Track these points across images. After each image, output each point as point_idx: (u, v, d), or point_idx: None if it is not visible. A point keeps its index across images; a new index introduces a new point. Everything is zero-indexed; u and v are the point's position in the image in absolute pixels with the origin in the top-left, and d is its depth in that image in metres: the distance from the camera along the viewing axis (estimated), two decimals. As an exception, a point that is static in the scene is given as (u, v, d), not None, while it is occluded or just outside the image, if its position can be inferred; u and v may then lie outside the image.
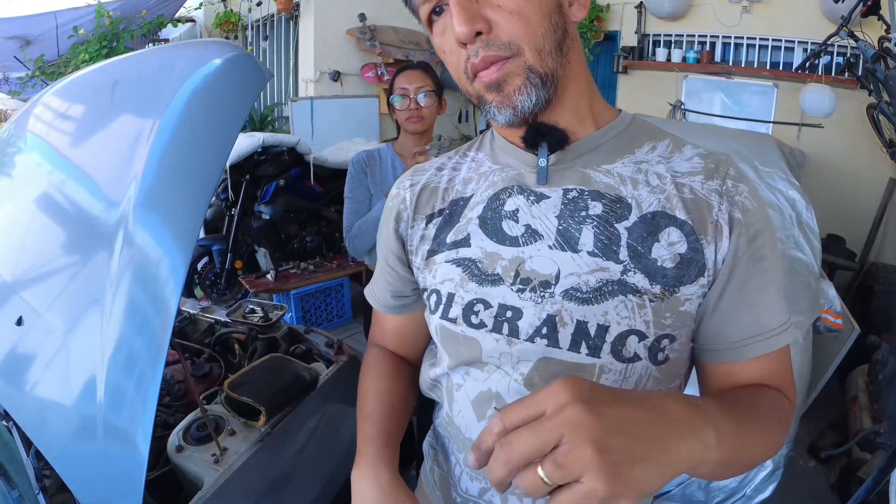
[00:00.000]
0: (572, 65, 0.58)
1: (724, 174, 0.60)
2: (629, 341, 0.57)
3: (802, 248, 2.59)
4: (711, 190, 0.59)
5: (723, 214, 0.58)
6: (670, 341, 0.58)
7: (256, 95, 0.99)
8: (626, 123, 0.64)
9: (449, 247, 0.65)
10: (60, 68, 4.22)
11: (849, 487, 2.05)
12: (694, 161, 0.61)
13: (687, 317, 0.58)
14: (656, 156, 0.62)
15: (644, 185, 0.60)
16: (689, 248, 0.57)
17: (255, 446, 1.21)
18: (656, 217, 0.58)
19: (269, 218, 3.55)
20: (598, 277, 0.57)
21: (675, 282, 0.57)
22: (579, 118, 0.62)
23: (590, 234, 0.58)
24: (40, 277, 1.06)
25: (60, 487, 1.06)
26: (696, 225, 0.58)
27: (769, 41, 3.98)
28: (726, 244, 0.57)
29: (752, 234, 0.58)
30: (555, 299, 0.58)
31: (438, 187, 0.70)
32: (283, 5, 4.54)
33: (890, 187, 3.62)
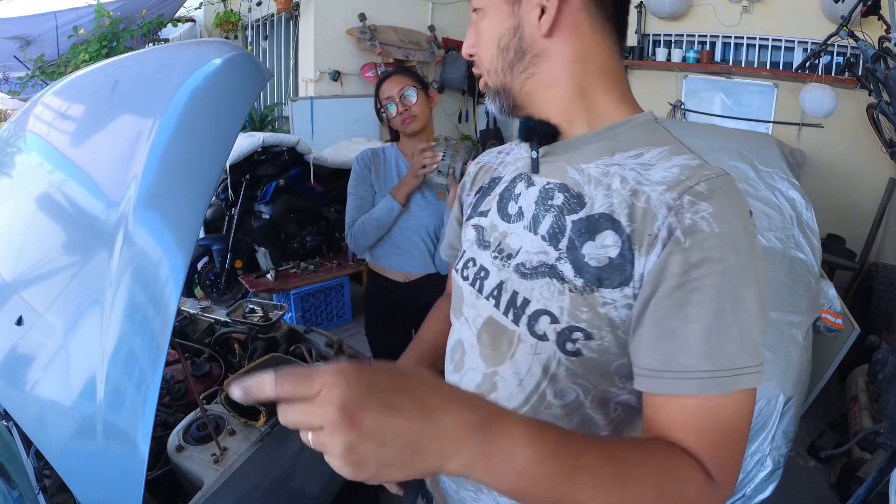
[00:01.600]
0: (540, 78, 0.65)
1: (688, 188, 0.55)
2: (542, 319, 0.62)
3: (802, 248, 2.59)
4: (663, 202, 0.56)
5: (663, 229, 0.54)
6: (585, 337, 0.59)
7: (256, 95, 0.99)
8: (629, 127, 0.65)
9: (478, 214, 0.78)
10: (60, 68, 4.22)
11: (849, 487, 2.05)
12: (672, 171, 0.58)
13: (608, 321, 0.57)
14: (635, 162, 0.61)
15: (604, 187, 0.61)
16: (619, 255, 0.57)
17: (255, 446, 1.21)
18: (601, 218, 0.60)
19: (269, 218, 3.55)
20: (539, 258, 0.64)
21: (596, 281, 0.58)
22: (568, 118, 0.66)
23: (549, 221, 0.65)
24: (40, 277, 1.06)
25: (60, 487, 1.06)
26: (634, 234, 0.56)
27: (769, 41, 3.98)
28: (654, 259, 0.54)
29: (696, 259, 0.52)
30: (509, 269, 0.68)
31: (491, 167, 0.83)
32: (283, 5, 4.54)
33: (890, 187, 3.62)
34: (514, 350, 0.65)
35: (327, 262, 3.60)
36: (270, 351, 1.61)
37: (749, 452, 1.86)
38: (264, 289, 3.19)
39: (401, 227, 1.75)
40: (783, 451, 1.85)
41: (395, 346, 1.97)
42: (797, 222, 2.68)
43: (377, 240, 1.76)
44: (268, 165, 3.51)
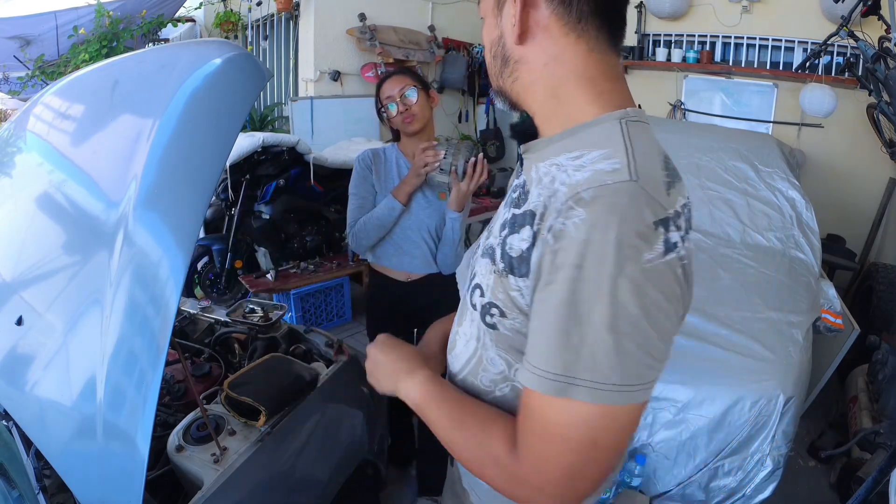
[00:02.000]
0: (521, 83, 0.70)
1: (575, 192, 0.56)
2: (476, 292, 0.73)
3: (802, 248, 2.60)
4: (559, 202, 0.58)
5: (546, 229, 0.58)
6: (499, 314, 0.67)
7: (256, 95, 0.99)
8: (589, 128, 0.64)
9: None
10: (60, 68, 4.21)
11: (849, 487, 2.05)
12: (586, 174, 0.59)
13: (516, 303, 0.64)
14: (573, 163, 0.61)
15: (544, 186, 0.64)
16: (527, 249, 0.62)
17: (255, 446, 1.21)
18: (527, 215, 0.64)
19: (269, 217, 3.55)
20: (490, 243, 0.73)
21: (510, 268, 0.65)
22: (545, 119, 0.70)
23: (508, 213, 0.71)
24: (40, 277, 1.06)
25: (60, 487, 1.06)
26: (538, 231, 0.61)
27: (769, 41, 3.99)
28: (536, 254, 0.59)
29: (558, 261, 0.55)
30: (477, 253, 0.79)
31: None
32: (283, 5, 4.54)
33: (890, 187, 3.63)
34: (465, 315, 0.79)
35: (327, 262, 3.60)
36: (270, 351, 1.61)
37: (749, 452, 1.86)
38: (264, 289, 3.19)
39: (402, 226, 1.75)
40: (783, 451, 1.85)
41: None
42: (797, 222, 2.68)
43: (379, 239, 1.76)
44: (268, 165, 3.51)
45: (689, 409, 1.88)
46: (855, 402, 2.43)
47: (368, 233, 1.73)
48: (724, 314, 2.12)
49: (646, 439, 1.94)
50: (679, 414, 1.89)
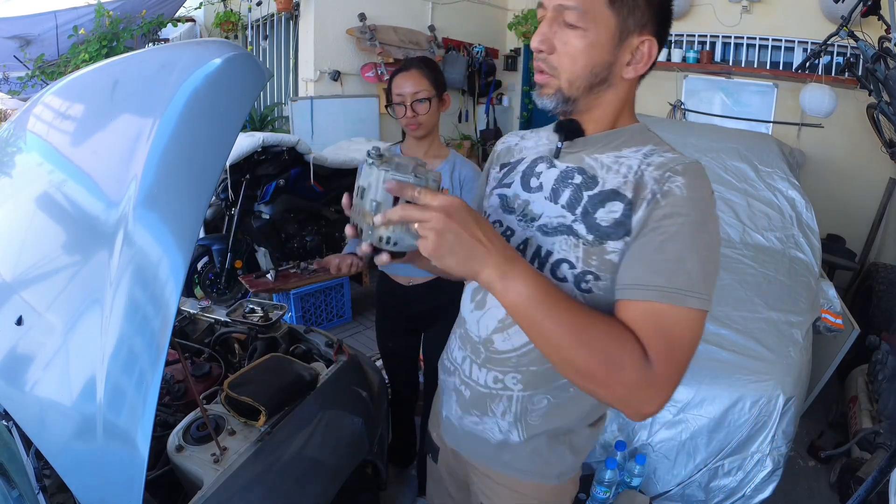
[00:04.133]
0: (601, 99, 0.83)
1: (670, 168, 0.77)
2: (562, 266, 0.81)
3: (802, 248, 2.60)
4: (653, 177, 0.77)
5: (648, 194, 0.76)
6: (594, 278, 0.79)
7: (256, 95, 0.99)
8: (629, 132, 0.86)
9: (501, 186, 0.96)
10: (60, 68, 4.21)
11: (849, 487, 2.05)
12: (660, 157, 0.80)
13: (611, 266, 0.77)
14: (637, 154, 0.82)
15: (615, 172, 0.82)
16: (623, 215, 0.77)
17: (255, 446, 1.21)
18: (610, 193, 0.80)
19: (269, 217, 3.55)
20: (558, 221, 0.84)
21: (606, 236, 0.78)
22: (594, 122, 0.86)
23: (567, 194, 0.85)
24: (40, 277, 1.06)
25: (60, 487, 1.06)
26: (633, 200, 0.77)
27: (769, 41, 3.99)
28: (640, 214, 0.75)
29: (668, 212, 0.73)
30: (532, 229, 0.87)
31: (513, 149, 1.01)
32: (283, 5, 4.54)
33: (890, 187, 3.63)
34: None
35: (327, 262, 3.59)
36: (270, 351, 1.61)
37: (749, 452, 1.86)
38: (264, 289, 3.18)
39: None
40: (783, 451, 1.85)
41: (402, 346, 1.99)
42: (797, 222, 2.68)
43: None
44: (268, 165, 3.51)
45: (689, 408, 1.87)
46: (855, 402, 2.43)
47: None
48: (724, 314, 2.12)
49: (646, 439, 1.94)
50: (679, 414, 1.89)
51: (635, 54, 0.79)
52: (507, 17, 5.84)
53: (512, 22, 5.65)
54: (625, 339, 0.69)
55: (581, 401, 0.90)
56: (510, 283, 0.68)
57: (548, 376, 0.88)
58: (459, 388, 0.97)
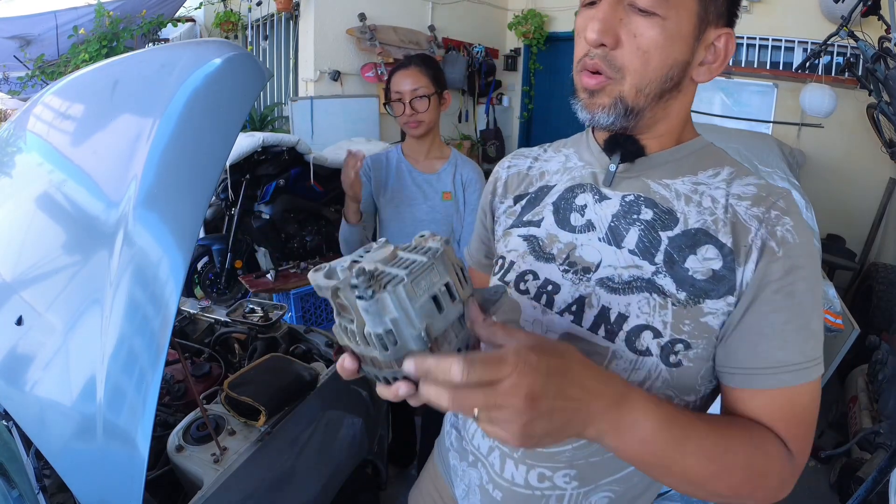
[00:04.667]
0: (669, 110, 0.66)
1: (772, 203, 0.62)
2: (644, 335, 0.62)
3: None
4: (753, 216, 0.62)
5: (757, 240, 0.60)
6: (685, 347, 0.61)
7: (256, 95, 0.99)
8: (698, 147, 0.70)
9: (525, 224, 0.76)
10: (60, 68, 4.21)
11: (849, 487, 2.05)
12: (749, 188, 0.64)
13: (707, 329, 0.61)
14: (717, 180, 0.66)
15: (696, 204, 0.65)
16: (724, 267, 0.61)
17: (255, 446, 1.21)
18: (698, 234, 0.63)
19: (269, 217, 3.55)
20: (631, 273, 0.64)
21: (702, 293, 0.61)
22: (660, 144, 0.68)
23: (635, 235, 0.66)
24: (40, 277, 1.06)
25: (60, 487, 1.06)
26: (733, 247, 0.61)
27: (769, 41, 3.98)
28: (752, 268, 0.59)
29: (788, 266, 0.59)
30: (590, 283, 0.66)
31: (529, 174, 0.81)
32: (283, 5, 4.54)
33: (890, 187, 3.62)
34: (606, 367, 0.64)
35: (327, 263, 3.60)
36: (270, 351, 1.61)
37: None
38: (264, 289, 3.18)
39: (404, 233, 1.68)
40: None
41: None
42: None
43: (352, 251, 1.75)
44: (268, 165, 3.51)
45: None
46: (855, 402, 2.43)
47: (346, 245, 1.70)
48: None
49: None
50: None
51: (710, 51, 0.63)
52: (507, 17, 5.84)
53: (512, 22, 5.65)
54: (767, 445, 0.58)
55: (649, 489, 0.74)
56: (626, 434, 0.51)
57: (610, 467, 0.69)
58: (486, 486, 0.76)
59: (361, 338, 0.46)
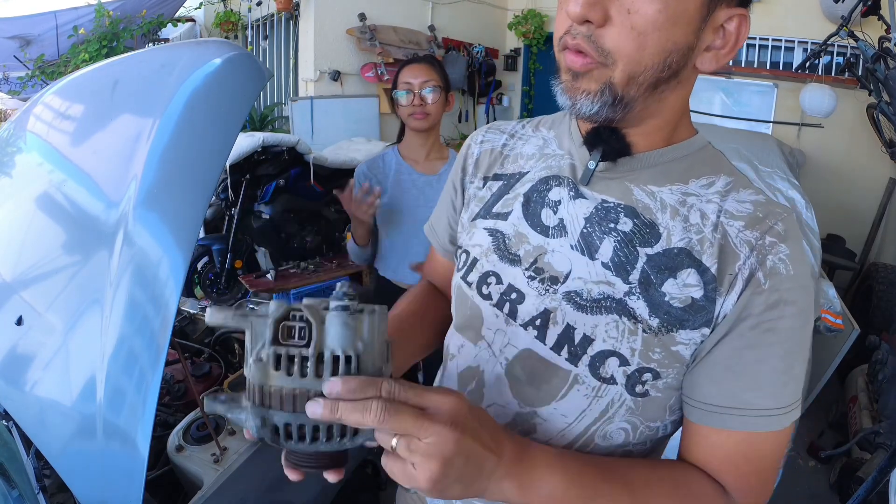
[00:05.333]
0: (664, 103, 0.56)
1: (768, 228, 0.54)
2: (609, 362, 0.56)
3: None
4: (745, 241, 0.54)
5: (744, 269, 0.53)
6: (653, 377, 0.56)
7: (256, 95, 0.99)
8: (694, 149, 0.60)
9: (492, 216, 0.67)
10: (60, 68, 4.21)
11: (849, 487, 2.05)
12: (745, 205, 0.57)
13: (678, 358, 0.55)
14: (710, 192, 0.58)
15: (682, 219, 0.57)
16: (704, 296, 0.54)
17: (255, 446, 1.21)
18: (680, 254, 0.56)
19: (269, 217, 3.55)
20: (601, 289, 0.57)
21: (677, 322, 0.55)
22: (649, 142, 0.59)
23: (609, 247, 0.58)
24: (40, 277, 1.06)
25: (60, 487, 1.06)
26: (718, 274, 0.54)
27: (769, 41, 3.98)
28: (733, 299, 0.53)
29: (773, 300, 0.52)
30: (556, 296, 0.59)
31: (502, 153, 0.72)
32: (283, 5, 4.54)
33: (890, 187, 3.62)
34: (567, 392, 0.59)
35: (327, 262, 3.60)
36: (270, 351, 1.61)
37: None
38: (264, 289, 3.18)
39: (405, 234, 1.66)
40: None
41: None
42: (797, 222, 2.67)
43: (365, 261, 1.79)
44: (268, 165, 3.51)
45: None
46: (855, 402, 2.43)
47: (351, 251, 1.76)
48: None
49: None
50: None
51: (718, 35, 0.53)
52: (507, 17, 5.84)
53: (512, 22, 5.65)
54: (693, 488, 0.55)
55: None
56: (532, 486, 0.50)
57: None
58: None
59: (311, 363, 0.45)
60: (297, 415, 0.45)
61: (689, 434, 0.58)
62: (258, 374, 0.45)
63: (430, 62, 1.62)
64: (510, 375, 0.62)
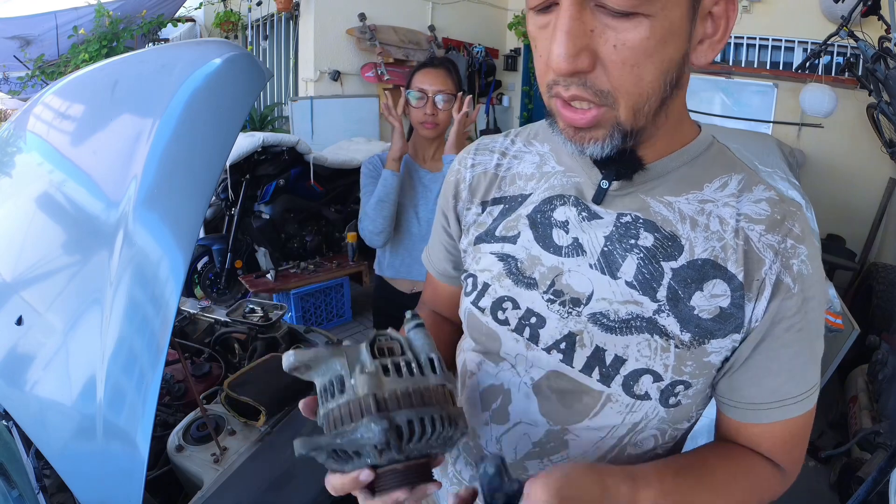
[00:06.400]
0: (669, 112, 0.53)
1: (788, 231, 0.55)
2: (643, 379, 0.56)
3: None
4: (768, 245, 0.55)
5: (771, 274, 0.54)
6: (685, 388, 0.57)
7: (256, 95, 0.99)
8: (702, 149, 0.59)
9: (497, 239, 0.65)
10: (60, 68, 4.21)
11: (849, 487, 2.05)
12: (761, 206, 0.57)
13: (708, 367, 0.57)
14: (725, 195, 0.58)
15: (703, 228, 0.57)
16: (732, 304, 0.55)
17: (255, 446, 1.21)
18: (706, 265, 0.56)
19: (269, 217, 3.55)
20: (629, 310, 0.56)
21: (708, 334, 0.55)
22: (657, 151, 0.57)
23: (633, 264, 0.57)
24: (40, 277, 1.06)
25: (60, 487, 1.06)
26: (745, 280, 0.55)
27: (769, 41, 3.99)
28: (764, 304, 0.54)
29: (801, 302, 0.54)
30: (581, 318, 0.58)
31: (498, 175, 0.69)
32: (283, 5, 4.54)
33: (890, 187, 3.62)
34: (599, 410, 0.59)
35: (327, 262, 3.60)
36: (270, 351, 1.61)
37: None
38: (264, 289, 3.19)
39: (410, 233, 1.66)
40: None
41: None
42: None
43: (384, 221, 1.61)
44: (268, 165, 3.51)
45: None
46: (855, 402, 2.43)
47: (369, 214, 1.62)
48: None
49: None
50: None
51: (708, 23, 0.49)
52: (507, 17, 5.84)
53: (512, 22, 5.65)
54: (761, 475, 0.60)
55: None
56: None
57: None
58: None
59: (415, 364, 0.52)
60: (419, 410, 0.48)
61: (729, 426, 0.62)
62: (369, 385, 0.48)
63: (447, 68, 1.60)
64: (539, 394, 0.61)
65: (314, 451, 0.48)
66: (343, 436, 0.47)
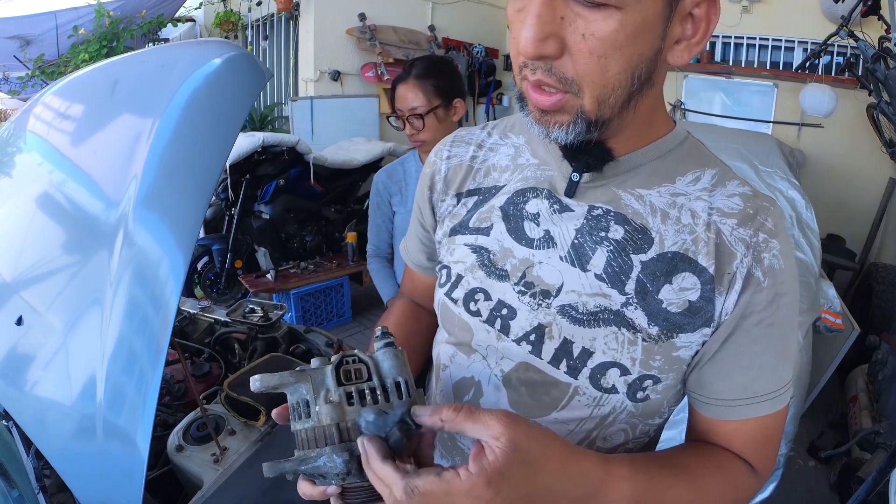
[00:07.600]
0: (639, 108, 0.53)
1: (760, 225, 0.55)
2: (610, 373, 0.57)
3: (802, 248, 2.59)
4: (740, 239, 0.55)
5: (742, 268, 0.54)
6: (654, 382, 0.57)
7: (256, 95, 0.99)
8: (675, 144, 0.60)
9: (471, 231, 0.66)
10: (60, 68, 4.21)
11: (849, 487, 2.05)
12: (734, 200, 0.57)
13: (678, 361, 0.57)
14: (698, 188, 0.58)
15: (674, 221, 0.57)
16: (701, 297, 0.55)
17: (255, 446, 1.21)
18: (675, 258, 0.56)
19: (269, 217, 3.55)
20: (597, 302, 0.57)
21: (676, 328, 0.55)
22: (628, 145, 0.58)
23: (603, 257, 0.57)
24: (40, 277, 1.06)
25: (60, 487, 1.06)
26: (715, 273, 0.55)
27: (769, 41, 3.98)
28: (734, 298, 0.54)
29: (772, 296, 0.54)
30: (550, 310, 0.59)
31: (472, 167, 0.69)
32: (283, 5, 4.53)
33: (890, 187, 3.62)
34: (567, 403, 0.59)
35: (327, 262, 3.60)
36: (270, 351, 1.61)
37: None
38: (264, 289, 3.19)
39: None
40: (783, 451, 1.85)
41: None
42: (797, 222, 2.68)
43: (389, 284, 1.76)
44: (268, 165, 3.51)
45: (689, 409, 1.87)
46: (855, 402, 2.43)
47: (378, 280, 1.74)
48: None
49: (646, 439, 1.93)
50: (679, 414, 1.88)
51: (687, 24, 0.50)
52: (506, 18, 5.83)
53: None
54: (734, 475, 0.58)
55: None
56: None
57: None
58: None
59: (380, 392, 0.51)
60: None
61: (701, 424, 0.61)
62: (332, 414, 0.49)
63: (419, 78, 1.46)
64: (509, 386, 0.62)
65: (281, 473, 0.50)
66: (307, 462, 0.49)
